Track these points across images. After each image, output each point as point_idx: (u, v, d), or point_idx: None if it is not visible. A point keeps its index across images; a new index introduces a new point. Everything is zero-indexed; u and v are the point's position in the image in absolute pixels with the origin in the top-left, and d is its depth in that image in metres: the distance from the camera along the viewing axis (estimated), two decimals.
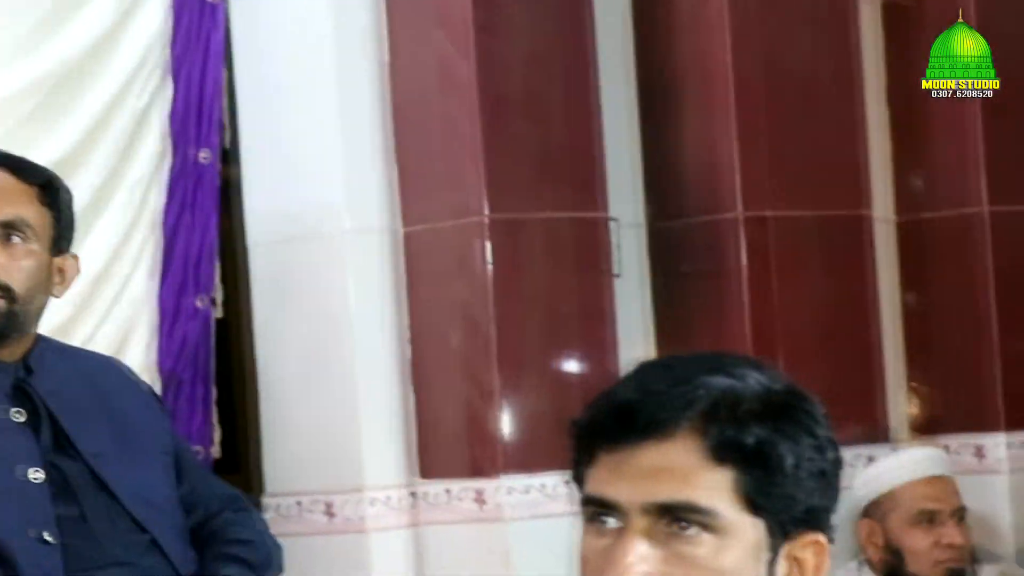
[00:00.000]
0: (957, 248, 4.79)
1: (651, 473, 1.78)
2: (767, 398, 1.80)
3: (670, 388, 1.79)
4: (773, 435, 1.78)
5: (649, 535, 1.77)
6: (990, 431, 4.72)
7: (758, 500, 1.77)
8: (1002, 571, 4.58)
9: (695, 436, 1.77)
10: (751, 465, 1.77)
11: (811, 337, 4.56)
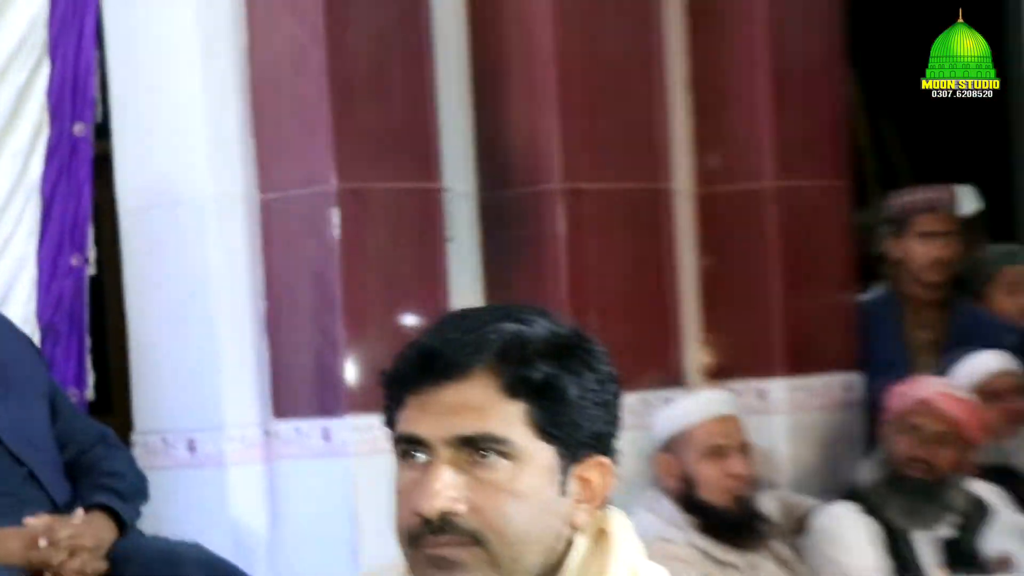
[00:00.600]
0: (747, 218, 4.84)
1: (452, 410, 1.79)
2: (553, 340, 1.82)
3: (465, 335, 1.82)
4: (559, 371, 1.80)
5: (454, 464, 1.79)
6: (772, 376, 4.80)
7: (548, 429, 1.80)
8: (780, 496, 4.61)
9: (489, 375, 1.79)
10: (540, 398, 1.80)
11: (619, 295, 4.60)
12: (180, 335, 4.35)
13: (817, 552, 4.41)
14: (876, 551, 4.34)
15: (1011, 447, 4.78)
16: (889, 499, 4.39)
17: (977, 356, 4.81)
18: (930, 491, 4.39)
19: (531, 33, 4.52)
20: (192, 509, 4.28)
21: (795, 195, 4.84)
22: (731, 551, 4.26)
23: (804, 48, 4.88)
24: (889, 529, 4.37)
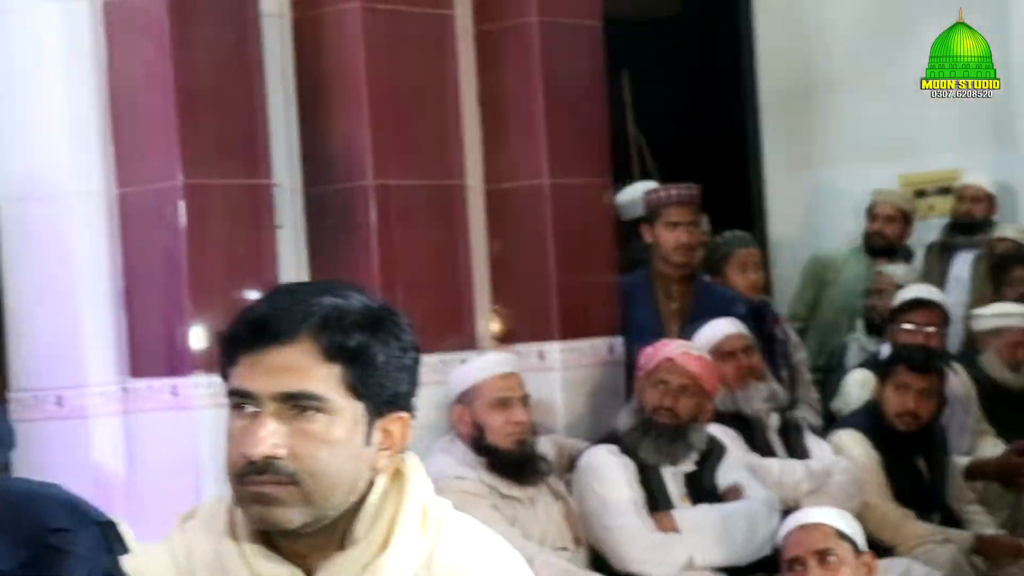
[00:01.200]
0: (528, 210, 4.95)
1: (278, 370, 1.82)
2: (366, 313, 1.87)
3: (292, 305, 1.85)
4: (370, 340, 1.85)
5: (278, 416, 1.82)
6: (549, 340, 4.93)
7: (359, 388, 1.85)
8: (555, 440, 4.73)
9: (311, 341, 1.83)
10: (353, 362, 1.84)
11: (422, 275, 4.69)
12: (50, 308, 4.36)
13: (583, 486, 4.47)
14: (631, 484, 4.42)
15: (741, 396, 4.88)
16: (642, 441, 4.47)
17: (714, 322, 4.97)
18: (675, 434, 4.48)
19: (347, 56, 4.57)
20: (59, 456, 4.27)
21: (566, 191, 4.94)
22: (514, 487, 4.32)
23: (571, 70, 4.99)
24: (642, 466, 4.45)
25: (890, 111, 7.85)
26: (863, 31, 7.97)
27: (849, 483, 4.82)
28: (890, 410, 4.98)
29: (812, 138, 8.19)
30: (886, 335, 5.85)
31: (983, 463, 5.43)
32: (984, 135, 7.60)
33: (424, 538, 1.90)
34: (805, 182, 8.17)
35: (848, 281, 6.85)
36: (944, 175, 7.65)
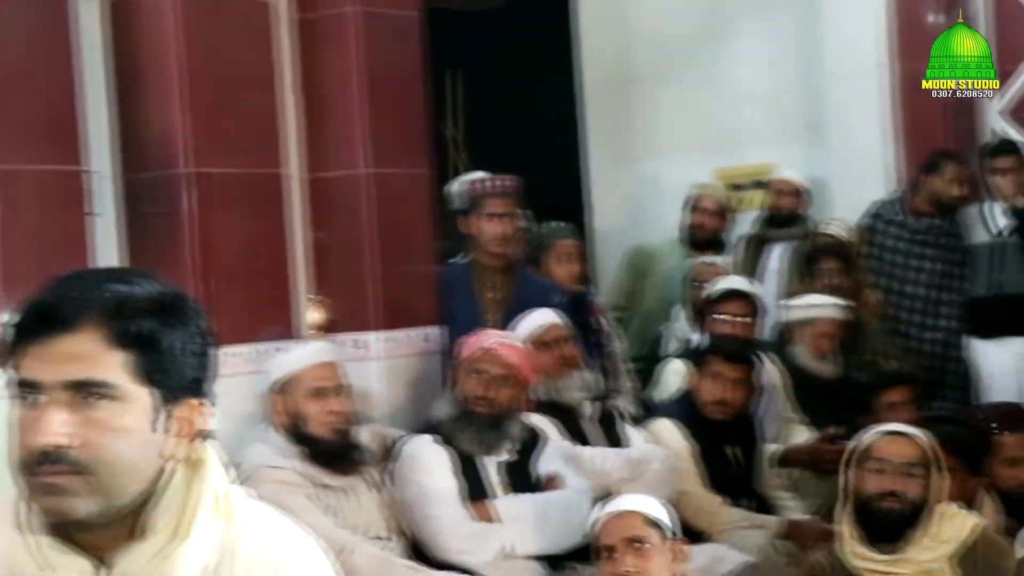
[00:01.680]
0: (348, 199, 4.93)
1: (65, 358, 1.78)
2: (156, 299, 1.82)
3: (79, 292, 1.80)
4: (162, 326, 1.81)
5: (67, 405, 1.77)
6: (369, 330, 4.92)
7: (150, 375, 1.81)
8: (374, 429, 4.69)
9: (98, 328, 1.78)
10: (142, 349, 1.80)
11: (241, 262, 4.66)
12: None
13: (402, 475, 4.47)
14: (450, 474, 4.43)
15: (559, 386, 4.91)
16: (460, 431, 4.48)
17: (532, 313, 5.00)
18: (493, 423, 4.50)
19: (163, 41, 4.52)
20: None
21: (386, 181, 4.94)
22: (331, 476, 4.30)
23: (393, 60, 4.98)
24: (461, 455, 4.46)
25: (708, 106, 7.99)
26: (683, 27, 8.09)
27: (665, 471, 4.87)
28: (704, 399, 5.06)
29: (634, 131, 8.29)
30: (701, 325, 5.92)
31: (793, 450, 5.52)
32: (796, 131, 7.77)
33: (219, 526, 1.88)
34: (628, 174, 8.28)
35: (667, 272, 6.94)
36: (759, 169, 7.80)
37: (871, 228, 7.03)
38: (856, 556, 3.80)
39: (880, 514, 3.78)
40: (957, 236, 6.95)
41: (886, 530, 3.80)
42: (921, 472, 3.82)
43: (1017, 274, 6.84)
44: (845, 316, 6.07)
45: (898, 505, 3.78)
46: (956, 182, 6.87)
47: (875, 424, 5.04)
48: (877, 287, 6.93)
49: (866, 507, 3.80)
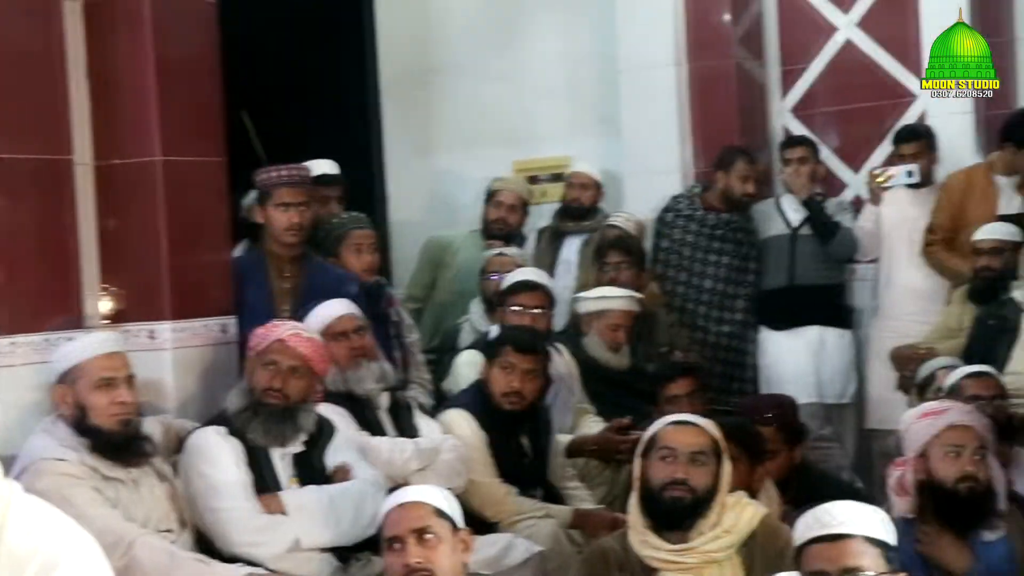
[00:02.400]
0: (139, 187, 4.84)
1: None
2: None
3: None
4: None
5: None
6: (160, 320, 4.84)
7: None
8: (163, 420, 4.63)
9: None
10: None
11: (27, 250, 4.58)
12: None
13: (190, 467, 4.41)
14: (239, 466, 4.37)
15: (352, 377, 4.88)
16: (250, 422, 4.42)
17: (326, 303, 4.96)
18: (284, 415, 4.44)
19: None
20: None
21: (178, 169, 4.86)
22: (117, 468, 4.21)
23: (185, 46, 4.92)
24: (250, 447, 4.40)
25: (506, 99, 8.04)
26: (482, 20, 8.13)
27: (456, 461, 4.89)
28: (496, 390, 5.08)
29: (433, 123, 8.31)
30: (495, 316, 5.96)
31: (583, 440, 5.57)
32: (591, 125, 7.88)
33: None
34: (426, 165, 8.29)
35: (464, 264, 6.96)
36: (556, 162, 7.88)
37: (664, 221, 7.16)
38: (645, 545, 3.84)
39: (667, 503, 3.82)
40: (749, 231, 7.12)
41: (674, 519, 3.83)
42: (708, 461, 3.86)
43: (809, 266, 7.03)
44: (636, 308, 6.15)
45: (685, 494, 3.81)
46: (746, 179, 7.03)
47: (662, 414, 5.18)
48: (667, 279, 7.06)
49: (654, 496, 3.84)
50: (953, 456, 4.00)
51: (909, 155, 6.92)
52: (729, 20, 7.44)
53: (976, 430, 4.05)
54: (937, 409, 4.11)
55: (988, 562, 3.93)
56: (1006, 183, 6.76)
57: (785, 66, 7.65)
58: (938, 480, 3.99)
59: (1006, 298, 6.16)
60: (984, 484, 3.99)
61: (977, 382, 5.02)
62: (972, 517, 3.98)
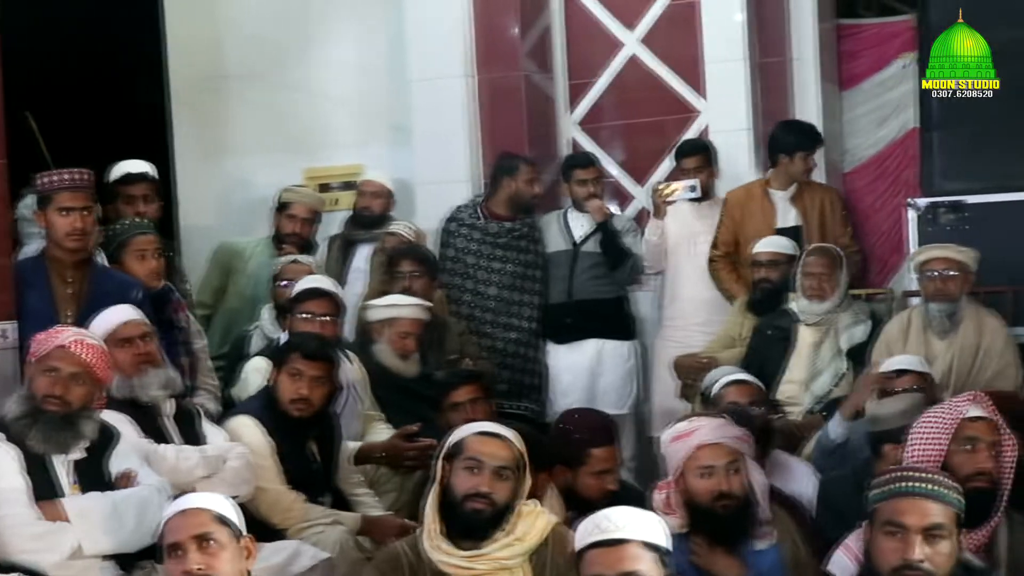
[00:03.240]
0: None
1: None
2: None
3: None
4: None
5: None
6: None
7: None
8: None
9: None
10: None
11: None
12: None
13: None
14: (18, 473, 4.25)
15: (137, 383, 4.80)
16: (30, 429, 4.31)
17: (110, 309, 4.88)
18: (65, 422, 4.34)
19: None
20: None
21: None
22: None
23: None
24: (30, 454, 4.29)
25: (299, 107, 7.99)
26: (275, 27, 8.06)
27: (243, 468, 4.82)
28: (284, 396, 5.04)
29: (225, 129, 8.21)
30: (285, 324, 5.90)
31: (372, 447, 5.54)
32: (383, 134, 7.87)
33: None
34: (217, 172, 8.19)
35: (255, 270, 6.89)
36: (347, 171, 7.85)
37: (448, 231, 7.20)
38: (438, 551, 3.83)
39: (468, 514, 3.81)
40: (534, 239, 7.20)
41: (471, 530, 3.83)
42: (511, 476, 3.87)
43: (588, 281, 7.13)
44: (426, 316, 6.16)
45: (486, 507, 3.81)
46: (532, 182, 7.11)
47: (448, 421, 5.20)
48: (453, 288, 7.10)
49: (455, 504, 3.83)
50: (706, 476, 4.03)
51: (691, 169, 7.09)
52: (518, 33, 7.51)
53: (726, 446, 4.07)
54: (686, 431, 4.11)
55: (759, 570, 4.01)
56: (781, 197, 6.98)
57: (573, 80, 7.75)
58: (696, 500, 4.04)
59: (783, 309, 6.37)
60: (740, 498, 4.03)
61: (737, 389, 5.15)
62: (736, 530, 4.04)
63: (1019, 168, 6.56)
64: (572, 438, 4.78)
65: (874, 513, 3.33)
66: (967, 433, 3.94)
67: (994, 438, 3.96)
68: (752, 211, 7.01)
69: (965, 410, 3.99)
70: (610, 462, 4.75)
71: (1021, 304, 6.41)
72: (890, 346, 6.02)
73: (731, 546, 4.03)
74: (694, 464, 4.06)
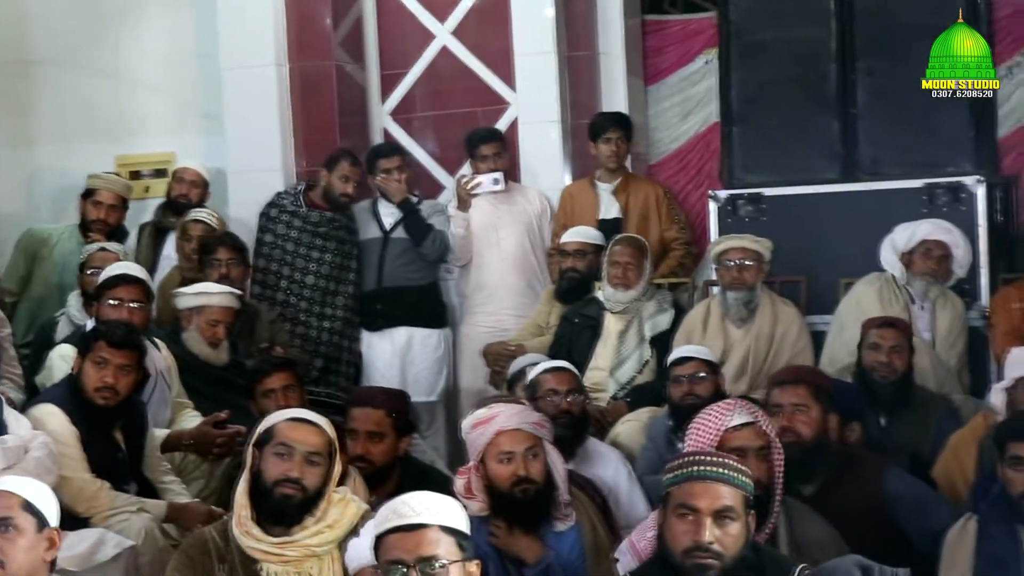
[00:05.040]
0: None
1: None
2: None
3: None
4: None
5: None
6: None
7: None
8: None
9: None
10: None
11: None
12: None
13: None
14: None
15: None
16: None
17: None
18: None
19: None
20: None
21: None
22: None
23: None
24: None
25: (108, 93, 7.84)
26: (83, 13, 7.91)
27: (46, 458, 4.70)
28: (89, 384, 4.92)
29: (33, 115, 8.03)
30: (92, 311, 5.78)
31: (180, 435, 5.46)
32: (195, 122, 7.77)
33: None
34: (26, 158, 7.99)
35: (62, 258, 6.76)
36: (159, 158, 7.73)
37: (269, 216, 7.12)
38: (249, 536, 3.79)
39: (278, 500, 3.77)
40: (352, 230, 7.17)
41: (282, 516, 3.80)
42: (322, 461, 3.84)
43: (400, 268, 7.13)
44: (236, 304, 6.09)
45: (297, 492, 3.78)
46: (346, 180, 7.06)
47: (261, 409, 5.14)
48: (270, 274, 7.04)
49: (265, 491, 3.79)
50: (506, 461, 4.06)
51: (491, 155, 7.13)
52: (330, 24, 7.47)
53: (525, 431, 4.10)
54: (486, 417, 4.13)
55: (560, 551, 4.06)
56: (605, 189, 7.11)
57: (385, 70, 7.73)
58: (496, 485, 4.06)
59: (590, 298, 6.44)
60: (539, 483, 4.07)
61: (555, 376, 5.20)
62: (536, 514, 4.07)
63: (814, 162, 6.71)
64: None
65: (667, 496, 3.38)
66: (733, 444, 3.99)
67: (761, 442, 4.04)
68: (581, 203, 7.14)
69: (729, 419, 4.04)
70: (367, 424, 4.71)
71: (814, 293, 6.56)
72: (690, 335, 6.12)
73: (531, 529, 4.06)
74: (494, 450, 4.09)
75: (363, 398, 4.93)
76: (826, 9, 6.67)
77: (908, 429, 5.19)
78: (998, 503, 4.09)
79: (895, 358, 5.32)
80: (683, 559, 3.29)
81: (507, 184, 7.18)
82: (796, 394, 4.53)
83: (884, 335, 5.39)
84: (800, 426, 4.47)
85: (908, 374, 5.38)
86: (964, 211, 6.34)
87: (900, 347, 5.36)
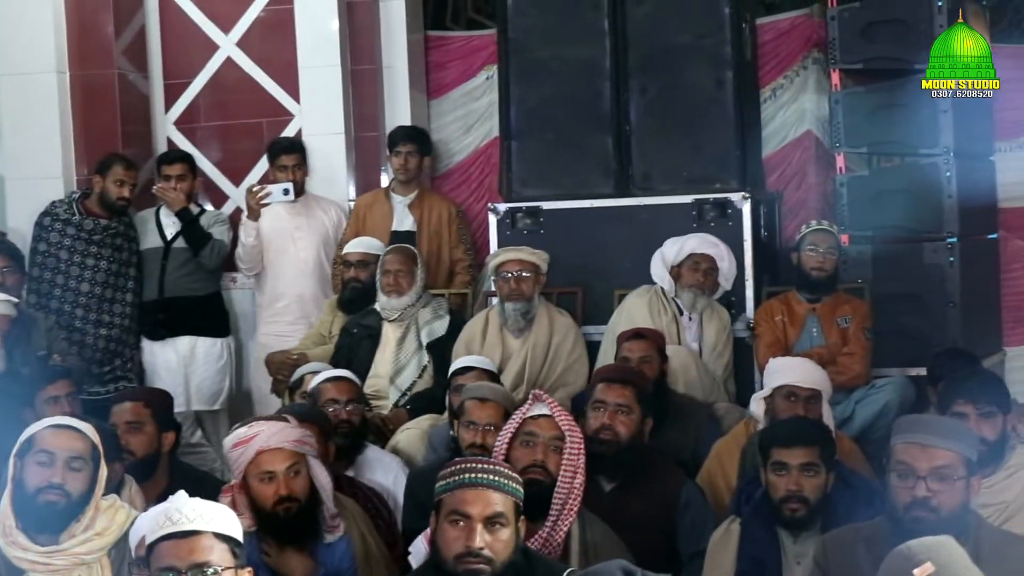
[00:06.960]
0: None
1: None
2: None
3: None
4: None
5: None
6: None
7: None
8: None
9: None
10: None
11: None
12: None
13: None
14: None
15: None
16: None
17: None
18: None
19: None
20: None
21: None
22: None
23: None
24: None
25: None
26: None
27: None
28: None
29: None
30: None
31: None
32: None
33: None
34: None
35: None
36: None
37: (43, 225, 6.97)
38: (15, 546, 3.68)
39: (41, 507, 3.68)
40: (130, 238, 7.04)
41: (47, 523, 3.70)
42: (84, 465, 3.74)
43: (182, 279, 7.03)
44: (12, 313, 5.92)
45: (59, 498, 3.67)
46: (122, 184, 6.94)
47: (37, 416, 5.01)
48: (44, 282, 6.91)
49: (28, 499, 3.68)
50: (267, 481, 3.98)
51: (290, 166, 7.11)
52: (112, 32, 7.34)
53: (286, 450, 4.02)
54: (246, 437, 4.04)
55: (330, 563, 4.02)
56: (400, 202, 7.15)
57: (169, 80, 7.62)
58: (259, 504, 3.98)
59: (371, 308, 6.43)
60: (302, 500, 3.99)
61: (335, 386, 5.19)
62: (302, 531, 4.02)
63: (589, 177, 6.80)
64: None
65: (439, 503, 3.40)
66: (528, 429, 4.11)
67: (554, 433, 4.11)
68: (375, 214, 7.15)
69: (529, 409, 4.16)
70: (125, 416, 4.74)
71: (590, 303, 6.67)
72: (469, 344, 6.17)
73: (300, 545, 4.01)
74: (255, 469, 4.00)
75: (121, 396, 4.99)
76: (601, 29, 6.78)
77: (670, 436, 5.31)
78: (760, 506, 4.21)
79: (644, 368, 5.42)
80: (455, 564, 3.32)
81: (304, 194, 7.15)
82: (622, 394, 4.62)
83: (632, 347, 5.52)
84: (620, 426, 4.58)
85: (661, 381, 5.51)
86: (731, 226, 6.50)
87: (648, 357, 5.49)
